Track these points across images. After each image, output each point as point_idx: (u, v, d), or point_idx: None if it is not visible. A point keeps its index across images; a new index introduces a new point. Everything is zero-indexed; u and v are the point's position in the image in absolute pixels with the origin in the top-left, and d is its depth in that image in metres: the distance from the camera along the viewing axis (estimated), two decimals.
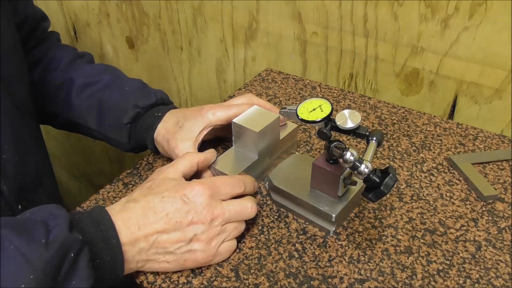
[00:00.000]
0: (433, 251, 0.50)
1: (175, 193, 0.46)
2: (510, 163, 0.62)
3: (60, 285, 0.36)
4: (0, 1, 0.52)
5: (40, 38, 0.71)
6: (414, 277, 0.47)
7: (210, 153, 0.55)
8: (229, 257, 0.50)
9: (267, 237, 0.52)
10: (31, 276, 0.34)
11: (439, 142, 0.67)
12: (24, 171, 0.54)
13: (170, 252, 0.45)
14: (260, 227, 0.53)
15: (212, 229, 0.46)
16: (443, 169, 0.62)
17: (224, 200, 0.48)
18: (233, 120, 0.57)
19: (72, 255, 0.37)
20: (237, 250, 0.50)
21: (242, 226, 0.50)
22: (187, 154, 0.53)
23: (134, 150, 0.65)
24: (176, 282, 0.47)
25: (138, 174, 0.62)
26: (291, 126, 0.62)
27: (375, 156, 0.63)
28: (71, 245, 0.37)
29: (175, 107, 0.65)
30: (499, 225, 0.53)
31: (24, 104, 0.57)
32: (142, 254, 0.44)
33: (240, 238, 0.52)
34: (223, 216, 0.46)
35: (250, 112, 0.58)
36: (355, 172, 0.44)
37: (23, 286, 0.34)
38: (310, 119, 0.48)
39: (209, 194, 0.46)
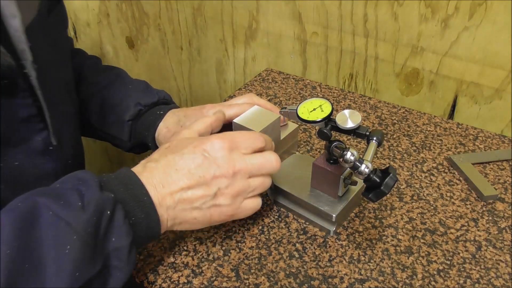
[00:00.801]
0: (433, 251, 0.50)
1: (194, 148, 0.45)
2: (510, 163, 0.62)
3: (101, 243, 0.37)
4: (59, 10, 0.54)
5: None
6: (414, 277, 0.47)
7: (220, 113, 0.55)
8: (230, 256, 0.50)
9: (267, 237, 0.52)
10: (74, 237, 0.35)
11: (439, 142, 0.67)
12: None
13: (196, 208, 0.45)
14: (260, 227, 0.54)
15: (236, 183, 0.45)
16: (443, 169, 0.62)
17: (246, 154, 0.47)
18: (234, 120, 0.56)
19: (108, 212, 0.38)
20: (237, 250, 0.50)
21: (267, 181, 0.48)
22: (200, 118, 0.53)
23: (135, 149, 0.65)
24: (176, 282, 0.47)
25: None
26: (291, 126, 0.62)
27: (375, 156, 0.63)
28: (105, 203, 0.38)
29: (176, 107, 0.65)
30: (499, 225, 0.53)
31: (77, 107, 0.59)
32: (169, 212, 0.44)
33: (240, 238, 0.52)
34: (245, 169, 0.46)
35: (250, 112, 0.58)
36: (356, 172, 0.44)
37: (68, 247, 0.35)
38: (310, 119, 0.48)
39: (229, 148, 0.45)
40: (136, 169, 0.45)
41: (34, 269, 0.33)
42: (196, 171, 0.44)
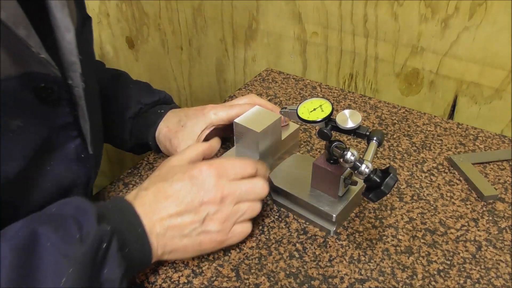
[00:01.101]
0: (433, 251, 0.50)
1: (183, 175, 0.46)
2: (510, 163, 0.62)
3: (95, 274, 0.37)
4: (89, 23, 0.55)
5: None
6: (414, 277, 0.47)
7: (215, 141, 0.55)
8: (230, 256, 0.50)
9: (267, 237, 0.52)
10: (70, 270, 0.35)
11: (440, 142, 0.67)
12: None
13: (186, 235, 0.45)
14: (260, 227, 0.53)
15: (224, 208, 0.46)
16: (443, 169, 0.62)
17: (234, 180, 0.47)
18: (235, 120, 0.56)
19: (105, 245, 0.38)
20: (238, 250, 0.50)
21: (257, 206, 0.49)
22: (191, 145, 0.53)
23: (135, 149, 0.65)
24: (176, 282, 0.47)
25: (139, 174, 0.62)
26: (292, 126, 0.62)
27: (375, 156, 0.63)
28: (103, 236, 0.38)
29: (177, 107, 0.65)
30: (499, 225, 0.53)
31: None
32: (159, 239, 0.44)
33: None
34: (233, 194, 0.46)
35: (251, 112, 0.58)
36: (356, 172, 0.44)
37: (64, 279, 0.35)
38: (310, 119, 0.48)
39: (217, 174, 0.46)
40: (129, 198, 0.45)
41: None
42: (184, 198, 0.45)
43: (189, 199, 0.45)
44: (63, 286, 0.35)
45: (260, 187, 0.48)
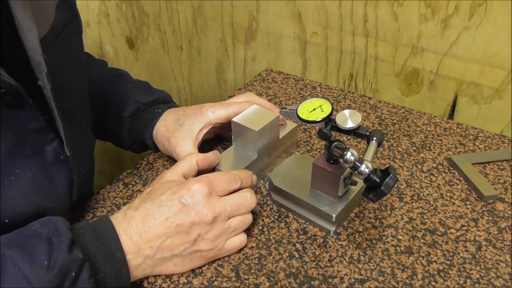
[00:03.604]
0: (433, 251, 0.50)
1: (172, 195, 0.45)
2: (510, 163, 0.62)
3: None
4: (76, 23, 0.54)
5: None
6: (414, 277, 0.47)
7: (212, 154, 0.55)
8: (230, 256, 0.50)
9: (267, 237, 0.52)
10: None
11: (439, 142, 0.67)
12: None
13: (176, 255, 0.45)
14: (260, 227, 0.53)
15: (216, 227, 0.46)
16: (443, 169, 0.62)
17: (222, 196, 0.48)
18: (233, 119, 0.56)
19: (73, 274, 0.38)
20: (237, 250, 0.50)
21: (248, 218, 0.49)
22: (185, 156, 0.53)
23: (134, 147, 0.65)
24: (176, 282, 0.47)
25: (138, 174, 0.62)
26: (290, 125, 0.62)
27: (375, 156, 0.63)
28: (71, 265, 0.38)
29: (175, 106, 0.65)
30: (499, 225, 0.53)
31: (90, 119, 0.59)
32: (147, 261, 0.44)
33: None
34: (225, 212, 0.46)
35: (249, 111, 0.58)
36: (356, 172, 0.44)
37: None
38: (310, 119, 0.48)
39: (207, 192, 0.46)
40: (116, 218, 0.45)
41: None
42: (174, 219, 0.44)
43: (178, 220, 0.44)
44: None
45: (248, 200, 0.48)
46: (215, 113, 0.59)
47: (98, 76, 0.66)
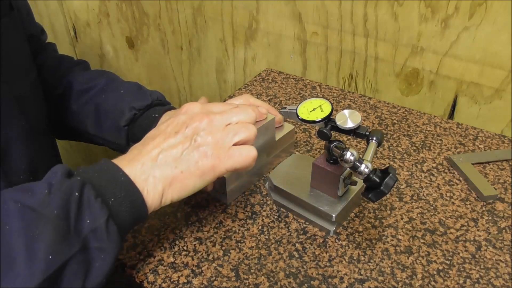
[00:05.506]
0: (433, 251, 0.50)
1: (169, 118, 0.47)
2: (510, 163, 0.62)
3: (74, 225, 0.37)
4: (14, 23, 0.53)
5: (39, 51, 0.71)
6: (414, 277, 0.47)
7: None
8: (230, 256, 0.50)
9: (267, 237, 0.52)
10: (42, 221, 0.35)
11: (439, 142, 0.67)
12: None
13: (178, 158, 0.43)
14: (260, 227, 0.54)
15: (214, 125, 0.45)
16: (443, 169, 0.62)
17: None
18: None
19: (76, 194, 0.38)
20: (237, 250, 0.50)
21: (250, 126, 0.46)
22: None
23: None
24: (176, 282, 0.47)
25: None
26: (288, 127, 0.62)
27: (375, 156, 0.63)
28: (72, 186, 0.38)
29: (172, 108, 0.64)
30: (499, 225, 0.53)
31: (40, 122, 0.58)
32: (155, 171, 0.42)
33: (240, 238, 0.52)
34: (221, 114, 0.45)
35: None
36: (355, 172, 0.44)
37: (37, 231, 0.35)
38: (310, 119, 0.48)
39: (202, 107, 0.47)
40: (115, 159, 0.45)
41: (6, 260, 0.34)
42: (170, 129, 0.45)
43: (175, 128, 0.45)
44: (38, 238, 0.34)
45: (249, 110, 0.47)
46: None
47: (85, 83, 0.65)
